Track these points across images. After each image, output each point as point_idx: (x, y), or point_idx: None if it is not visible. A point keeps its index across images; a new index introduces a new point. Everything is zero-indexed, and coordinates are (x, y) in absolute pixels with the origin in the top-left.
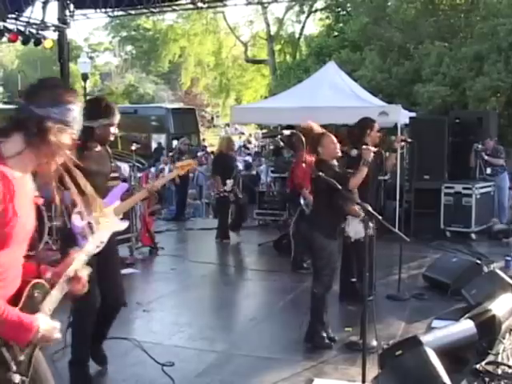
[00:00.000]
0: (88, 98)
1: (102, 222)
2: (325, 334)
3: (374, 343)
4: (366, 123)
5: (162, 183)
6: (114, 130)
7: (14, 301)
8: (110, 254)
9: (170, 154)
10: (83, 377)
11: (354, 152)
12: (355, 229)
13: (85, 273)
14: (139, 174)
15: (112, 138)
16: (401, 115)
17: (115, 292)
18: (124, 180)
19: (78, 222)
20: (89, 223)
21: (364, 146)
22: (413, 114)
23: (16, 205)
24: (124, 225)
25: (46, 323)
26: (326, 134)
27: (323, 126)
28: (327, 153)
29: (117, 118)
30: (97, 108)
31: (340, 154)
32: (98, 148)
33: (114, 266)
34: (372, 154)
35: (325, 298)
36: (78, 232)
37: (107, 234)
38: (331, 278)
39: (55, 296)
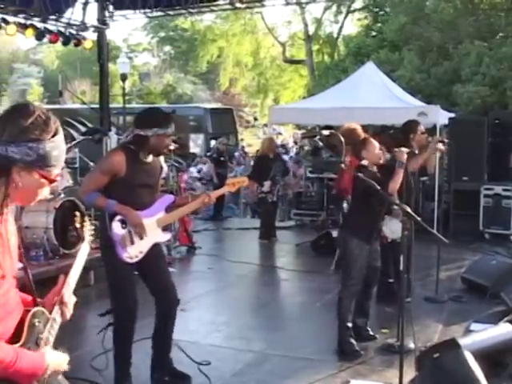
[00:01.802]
0: (148, 107)
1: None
2: (352, 340)
3: (412, 345)
4: (408, 127)
5: (214, 198)
6: (168, 141)
7: (16, 332)
8: (156, 254)
9: (208, 153)
10: (124, 375)
11: (388, 156)
12: (392, 229)
13: (73, 300)
14: (177, 174)
15: (166, 151)
16: (440, 116)
17: (168, 290)
18: (171, 192)
19: (118, 229)
20: (129, 232)
21: (396, 149)
22: (452, 115)
23: None
24: (166, 237)
25: (55, 358)
26: (370, 140)
27: (363, 127)
28: (370, 158)
29: (172, 128)
30: (152, 117)
31: (382, 160)
32: (150, 159)
33: (162, 264)
34: (405, 156)
35: (350, 305)
36: (118, 240)
37: (148, 244)
38: (358, 285)
39: (56, 321)
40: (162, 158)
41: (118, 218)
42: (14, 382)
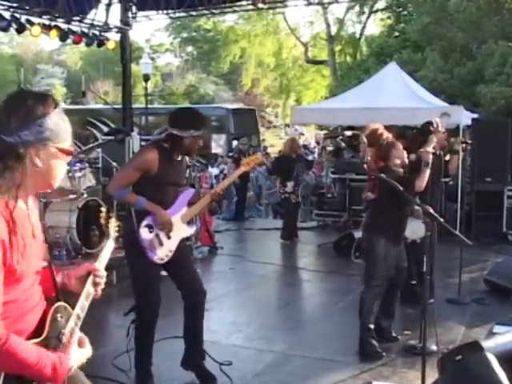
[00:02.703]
0: (182, 107)
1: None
2: (374, 342)
3: (434, 347)
4: (427, 128)
5: (225, 185)
6: (201, 142)
7: (38, 327)
8: (181, 249)
9: (230, 154)
10: (145, 374)
11: (413, 156)
12: (412, 229)
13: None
14: (199, 174)
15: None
16: (463, 116)
17: (194, 281)
18: (192, 185)
19: (145, 235)
20: (157, 235)
21: (421, 149)
22: (475, 116)
23: (19, 240)
24: (192, 230)
25: (79, 356)
26: (395, 143)
27: (385, 127)
28: (396, 160)
29: (206, 130)
30: (189, 118)
31: (407, 162)
32: (180, 157)
33: (187, 258)
34: (431, 156)
35: (373, 306)
36: (147, 245)
37: (176, 241)
38: (382, 287)
39: (83, 307)
40: (186, 157)
41: (145, 223)
42: (37, 381)
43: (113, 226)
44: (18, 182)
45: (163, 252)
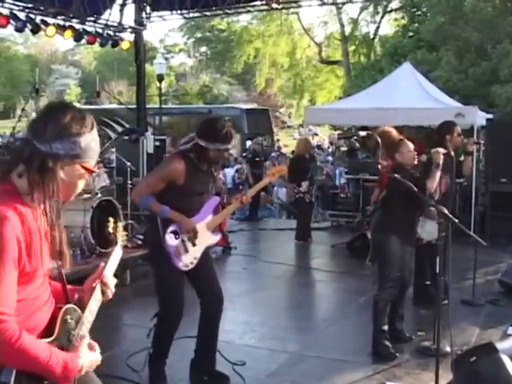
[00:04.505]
0: (210, 118)
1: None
2: (388, 343)
3: (448, 348)
4: (445, 128)
5: (254, 193)
6: (227, 155)
7: (49, 327)
8: (205, 257)
9: (244, 154)
10: (159, 374)
11: (424, 157)
12: (427, 230)
13: (113, 281)
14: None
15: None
16: (477, 117)
17: (215, 291)
18: (217, 193)
19: (171, 241)
20: (183, 242)
21: (433, 150)
22: (490, 116)
23: (32, 240)
24: (217, 238)
25: (89, 359)
26: (404, 141)
27: (398, 128)
28: (404, 160)
29: (233, 143)
30: (217, 132)
31: (416, 162)
32: (206, 167)
33: (210, 266)
34: (442, 156)
35: (387, 307)
36: (172, 252)
37: (201, 249)
38: (396, 288)
39: (92, 311)
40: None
41: (171, 229)
42: (48, 379)
43: (120, 233)
44: (52, 191)
45: (188, 259)
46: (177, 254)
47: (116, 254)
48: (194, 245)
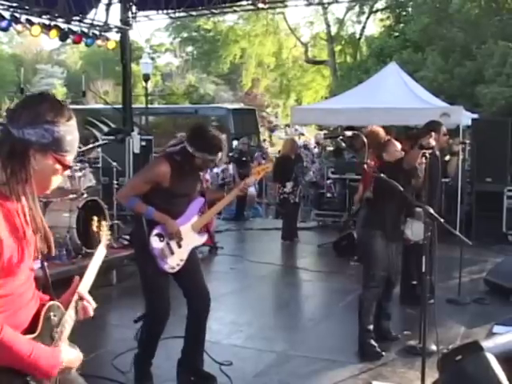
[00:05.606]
0: (197, 126)
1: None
2: (373, 342)
3: (434, 347)
4: (431, 127)
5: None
6: (212, 164)
7: (32, 324)
8: (191, 257)
9: (230, 154)
10: (145, 374)
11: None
12: (414, 231)
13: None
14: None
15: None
16: (463, 117)
17: (202, 292)
18: (202, 194)
19: (156, 243)
20: (168, 244)
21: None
22: (475, 116)
23: (16, 234)
24: (203, 239)
25: (69, 355)
26: (392, 141)
27: (384, 128)
28: (392, 159)
29: (220, 156)
30: (207, 142)
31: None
32: (191, 170)
33: (197, 267)
34: (431, 142)
35: (372, 307)
36: (158, 254)
37: (187, 250)
38: (380, 287)
39: (70, 317)
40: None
41: (155, 232)
42: (31, 374)
43: (104, 232)
44: (23, 179)
45: (174, 261)
46: (162, 257)
47: (99, 254)
48: (179, 246)
